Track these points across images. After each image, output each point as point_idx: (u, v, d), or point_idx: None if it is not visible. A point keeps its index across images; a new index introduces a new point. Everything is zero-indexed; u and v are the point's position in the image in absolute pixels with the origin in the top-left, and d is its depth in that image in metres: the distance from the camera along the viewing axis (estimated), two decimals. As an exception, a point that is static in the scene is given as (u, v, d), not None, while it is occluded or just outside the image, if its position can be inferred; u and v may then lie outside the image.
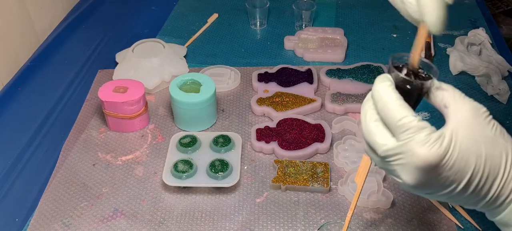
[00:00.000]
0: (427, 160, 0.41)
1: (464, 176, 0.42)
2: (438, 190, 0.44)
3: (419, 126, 0.42)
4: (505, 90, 0.94)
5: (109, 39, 1.17)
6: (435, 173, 0.42)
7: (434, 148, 0.41)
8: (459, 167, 0.42)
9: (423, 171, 0.42)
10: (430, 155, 0.41)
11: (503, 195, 0.43)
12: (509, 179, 0.43)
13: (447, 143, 0.41)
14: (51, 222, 0.74)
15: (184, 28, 1.20)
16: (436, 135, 0.41)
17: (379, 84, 0.45)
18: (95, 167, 0.83)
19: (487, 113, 0.43)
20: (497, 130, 0.43)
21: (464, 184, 0.42)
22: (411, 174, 0.42)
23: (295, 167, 0.79)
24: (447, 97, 0.44)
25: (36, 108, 0.96)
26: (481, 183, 0.42)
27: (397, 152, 0.42)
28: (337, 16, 1.24)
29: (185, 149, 0.82)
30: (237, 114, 0.94)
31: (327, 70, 1.01)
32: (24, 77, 1.05)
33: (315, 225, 0.72)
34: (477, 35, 1.07)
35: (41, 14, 1.16)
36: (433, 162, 0.41)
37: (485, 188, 0.43)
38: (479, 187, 0.43)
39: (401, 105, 0.43)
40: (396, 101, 0.43)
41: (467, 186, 0.42)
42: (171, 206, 0.76)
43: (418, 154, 0.41)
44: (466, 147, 0.42)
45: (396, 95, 0.44)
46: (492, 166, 0.42)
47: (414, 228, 0.72)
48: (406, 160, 0.42)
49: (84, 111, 0.95)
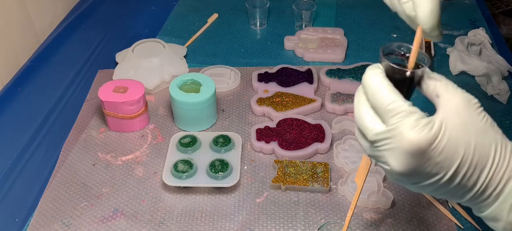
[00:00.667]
0: (416, 144, 0.41)
1: (453, 164, 0.42)
2: (426, 178, 0.43)
3: (408, 110, 0.42)
4: (505, 90, 0.94)
5: (109, 39, 1.17)
6: (424, 159, 0.41)
7: (424, 132, 0.41)
8: (448, 154, 0.41)
9: (412, 156, 0.41)
10: (419, 139, 0.40)
11: (490, 187, 0.43)
12: (497, 170, 0.43)
13: (437, 128, 0.41)
14: (51, 222, 0.74)
15: (184, 28, 1.20)
16: (426, 120, 0.41)
17: (369, 71, 0.45)
18: (95, 167, 0.83)
19: (479, 105, 0.43)
20: (488, 121, 0.43)
21: (452, 173, 0.42)
22: (400, 159, 0.42)
23: (295, 167, 0.79)
24: (439, 86, 0.44)
25: (36, 108, 0.96)
26: (469, 172, 0.42)
27: (386, 136, 0.42)
28: (337, 16, 1.24)
29: (185, 149, 0.82)
30: (237, 114, 0.94)
31: (327, 70, 1.01)
32: (24, 77, 1.05)
33: (315, 225, 0.72)
34: (477, 35, 1.07)
35: (41, 14, 1.17)
36: (422, 146, 0.41)
37: (472, 178, 0.43)
38: (467, 177, 0.42)
39: (390, 91, 0.43)
40: (385, 87, 0.43)
41: (455, 174, 0.42)
42: (171, 206, 0.76)
43: (407, 137, 0.41)
44: (456, 134, 0.41)
45: (385, 82, 0.44)
46: (481, 156, 0.42)
47: (414, 228, 0.72)
48: (395, 144, 0.42)
49: (84, 111, 0.95)
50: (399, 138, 0.41)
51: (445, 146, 0.41)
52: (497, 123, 0.45)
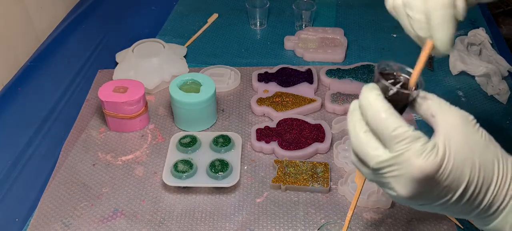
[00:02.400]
0: (424, 171, 0.40)
1: (460, 185, 0.41)
2: (433, 201, 0.43)
3: (414, 136, 0.41)
4: (505, 90, 0.94)
5: (109, 39, 1.17)
6: (432, 184, 0.41)
7: (431, 157, 0.40)
8: (455, 176, 0.41)
9: (420, 182, 0.40)
10: (427, 165, 0.40)
11: (496, 203, 0.43)
12: (501, 185, 0.42)
13: (442, 152, 0.41)
14: (51, 222, 0.74)
15: (184, 28, 1.20)
16: (431, 145, 0.41)
17: (368, 93, 0.43)
18: (95, 167, 0.83)
19: (475, 121, 0.43)
20: (487, 137, 0.43)
21: (459, 193, 0.42)
22: (407, 185, 0.41)
23: (295, 167, 0.79)
24: (433, 106, 0.44)
25: (36, 108, 0.96)
26: (476, 191, 0.42)
27: (391, 163, 0.41)
28: (337, 16, 1.24)
29: (185, 149, 0.82)
30: (237, 114, 0.94)
31: (327, 70, 1.01)
32: (24, 77, 1.05)
33: (315, 225, 0.72)
34: (477, 35, 1.07)
35: (41, 14, 1.17)
36: (431, 172, 0.40)
37: (479, 196, 0.42)
38: (474, 196, 0.42)
39: (393, 115, 0.42)
40: (387, 111, 0.42)
41: (463, 195, 0.42)
42: (171, 206, 0.76)
43: (415, 164, 0.40)
44: (460, 155, 0.41)
45: (387, 105, 0.42)
46: (486, 174, 0.42)
47: (414, 228, 0.72)
48: (402, 171, 0.41)
49: (84, 111, 0.95)
50: (407, 165, 0.40)
51: (452, 169, 0.41)
52: (497, 123, 0.45)
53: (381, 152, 0.42)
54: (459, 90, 0.98)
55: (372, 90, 0.43)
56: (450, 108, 0.43)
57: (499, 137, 0.92)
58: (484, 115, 0.91)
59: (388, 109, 0.42)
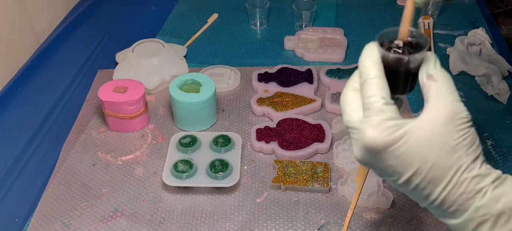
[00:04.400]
0: (371, 143, 0.42)
1: (405, 173, 0.42)
2: (383, 175, 0.45)
3: (379, 109, 0.42)
4: (505, 90, 0.94)
5: (109, 39, 1.17)
6: (379, 158, 0.43)
7: (383, 134, 0.41)
8: (403, 162, 0.42)
9: (367, 151, 0.43)
10: (375, 139, 0.42)
11: (445, 204, 0.43)
12: (452, 191, 0.42)
13: (399, 135, 0.41)
14: (51, 222, 0.74)
15: (184, 28, 1.20)
16: (392, 123, 0.42)
17: (365, 55, 0.45)
18: (95, 167, 0.83)
19: (465, 120, 0.42)
20: (464, 141, 0.42)
21: (404, 179, 0.43)
22: (358, 150, 0.44)
23: (295, 167, 0.79)
24: (432, 90, 0.43)
25: (36, 108, 0.96)
26: (421, 186, 0.43)
27: (354, 126, 0.44)
28: (337, 16, 1.24)
29: (185, 149, 0.82)
30: (237, 114, 0.94)
31: (327, 70, 1.01)
32: (24, 77, 1.05)
33: (315, 225, 0.72)
34: (477, 35, 1.07)
35: (41, 14, 1.17)
36: (376, 147, 0.42)
37: (425, 191, 0.43)
38: (420, 189, 0.43)
39: (376, 84, 0.43)
40: (374, 78, 0.43)
41: (408, 182, 0.43)
42: (171, 206, 0.76)
43: (366, 134, 0.42)
44: (416, 147, 0.41)
45: (376, 72, 0.44)
46: (435, 176, 0.42)
47: (414, 228, 0.72)
48: (357, 136, 0.43)
49: (84, 111, 0.95)
50: (361, 133, 0.43)
51: (401, 154, 0.42)
52: (497, 123, 0.44)
53: (353, 113, 0.45)
54: (459, 90, 0.98)
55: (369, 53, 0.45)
56: (447, 99, 0.42)
57: (499, 137, 0.92)
58: (484, 115, 0.91)
59: (375, 75, 0.43)
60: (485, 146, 0.84)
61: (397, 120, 0.42)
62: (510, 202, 0.42)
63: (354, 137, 0.44)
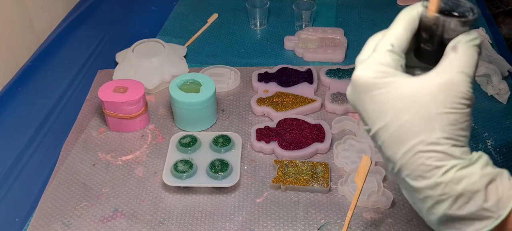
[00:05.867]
0: (355, 79, 0.43)
1: (376, 123, 0.42)
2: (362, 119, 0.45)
3: (381, 53, 0.43)
4: (505, 90, 0.94)
5: (109, 39, 1.17)
6: (361, 99, 0.43)
7: (368, 75, 0.42)
8: (377, 110, 0.42)
9: (353, 88, 0.44)
10: (360, 77, 0.43)
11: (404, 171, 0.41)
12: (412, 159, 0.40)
13: (383, 82, 0.41)
14: (51, 222, 0.74)
15: (184, 28, 1.20)
16: (382, 68, 0.42)
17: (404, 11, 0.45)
18: (95, 167, 0.83)
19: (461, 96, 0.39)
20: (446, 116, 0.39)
21: (374, 131, 0.43)
22: (349, 85, 0.45)
23: (295, 167, 0.79)
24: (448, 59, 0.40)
25: (36, 108, 0.96)
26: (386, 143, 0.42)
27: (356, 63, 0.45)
28: (337, 16, 1.24)
29: (185, 149, 0.82)
30: (237, 114, 0.94)
31: (327, 70, 1.01)
32: (24, 77, 1.05)
33: (315, 225, 0.72)
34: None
35: (41, 14, 1.17)
36: (359, 85, 0.43)
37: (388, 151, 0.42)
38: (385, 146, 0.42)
39: (394, 33, 0.43)
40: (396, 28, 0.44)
41: (376, 136, 0.43)
42: (171, 206, 0.76)
43: (356, 71, 0.43)
44: (393, 101, 0.41)
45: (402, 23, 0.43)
46: (401, 136, 0.40)
47: (414, 228, 0.72)
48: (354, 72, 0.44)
49: (84, 111, 0.95)
50: (355, 69, 0.44)
51: (379, 102, 0.41)
52: (497, 123, 0.44)
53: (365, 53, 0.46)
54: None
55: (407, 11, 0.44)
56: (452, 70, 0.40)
57: (499, 137, 0.92)
58: (484, 115, 0.91)
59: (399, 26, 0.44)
60: (485, 146, 0.84)
61: (390, 68, 0.42)
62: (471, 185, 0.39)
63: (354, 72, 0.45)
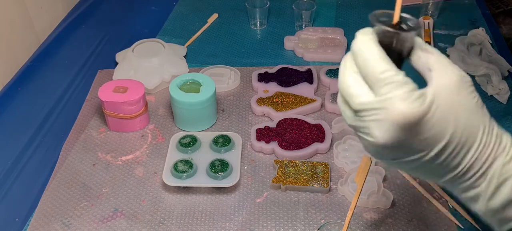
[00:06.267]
0: (407, 116, 0.39)
1: (440, 141, 0.40)
2: (409, 154, 0.41)
3: (402, 81, 0.39)
4: (505, 90, 0.94)
5: (109, 39, 1.17)
6: (412, 133, 0.40)
7: (416, 104, 0.39)
8: (437, 131, 0.40)
9: (400, 129, 0.39)
10: (410, 111, 0.39)
11: (473, 168, 0.42)
12: (482, 151, 0.42)
13: (429, 102, 0.40)
14: (51, 222, 0.74)
15: (184, 28, 1.20)
16: (418, 93, 0.40)
17: (360, 37, 0.43)
18: (95, 167, 0.83)
19: (471, 83, 0.42)
20: (478, 102, 0.42)
21: (437, 150, 0.41)
22: (387, 131, 0.40)
23: (295, 167, 0.79)
24: (432, 60, 0.42)
25: (36, 108, 0.96)
26: (455, 152, 0.41)
27: (374, 107, 0.40)
28: (337, 16, 1.24)
29: (185, 149, 0.82)
30: (237, 114, 0.94)
31: (327, 70, 1.01)
32: (24, 77, 1.05)
33: (315, 225, 0.72)
34: (477, 35, 1.07)
35: (41, 14, 1.16)
36: (413, 119, 0.39)
37: (457, 158, 0.42)
38: (452, 156, 0.41)
39: (383, 59, 0.41)
40: (378, 54, 0.41)
41: (440, 153, 0.41)
42: (171, 206, 0.76)
43: (399, 109, 0.39)
44: (447, 111, 0.40)
45: (378, 49, 0.41)
46: (469, 136, 0.41)
47: (414, 228, 0.72)
48: (384, 116, 0.39)
49: (84, 111, 0.95)
50: (390, 109, 0.39)
51: (435, 122, 0.40)
52: (497, 123, 0.44)
53: (364, 93, 0.41)
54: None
55: (365, 34, 0.43)
56: (450, 65, 0.42)
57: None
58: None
59: (378, 53, 0.41)
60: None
61: (419, 90, 0.40)
62: None
63: (377, 117, 0.40)
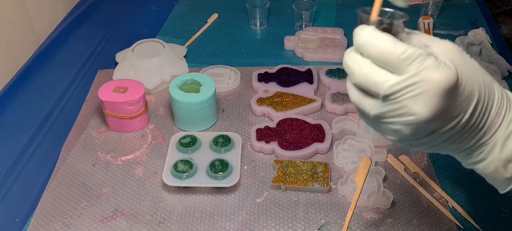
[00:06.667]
0: (446, 82, 0.39)
1: (473, 99, 0.42)
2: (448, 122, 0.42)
3: (426, 54, 0.40)
4: (505, 90, 0.94)
5: (109, 39, 1.17)
6: (451, 98, 0.41)
7: (447, 70, 0.40)
8: (468, 91, 0.42)
9: (442, 96, 0.40)
10: (448, 77, 0.40)
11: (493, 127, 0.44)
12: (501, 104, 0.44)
13: (455, 68, 0.41)
14: (51, 222, 0.74)
15: (184, 28, 1.20)
16: (442, 61, 0.41)
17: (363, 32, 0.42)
18: (95, 167, 0.83)
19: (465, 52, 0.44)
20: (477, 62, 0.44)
21: (472, 109, 0.42)
22: (429, 102, 0.40)
23: (295, 167, 0.79)
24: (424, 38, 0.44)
25: (36, 108, 0.96)
26: (483, 109, 0.43)
27: (407, 84, 0.40)
28: (337, 16, 1.24)
29: (185, 149, 0.82)
30: (237, 114, 0.94)
31: (327, 70, 1.01)
32: (24, 77, 1.05)
33: (315, 225, 0.72)
34: (477, 35, 1.07)
35: (41, 14, 1.17)
36: (452, 83, 0.40)
37: (485, 114, 0.43)
38: (481, 114, 0.43)
39: (396, 42, 0.41)
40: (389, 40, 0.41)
41: (474, 111, 0.42)
42: (171, 206, 0.76)
43: (436, 78, 0.39)
44: (467, 71, 0.42)
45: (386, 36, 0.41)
46: (490, 90, 0.43)
47: (414, 228, 0.72)
48: (422, 88, 0.39)
49: (84, 111, 0.95)
50: (427, 81, 0.39)
51: (466, 83, 0.42)
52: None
53: (391, 76, 0.41)
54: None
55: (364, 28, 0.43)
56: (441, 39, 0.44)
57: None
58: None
59: (391, 38, 0.41)
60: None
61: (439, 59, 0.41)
62: None
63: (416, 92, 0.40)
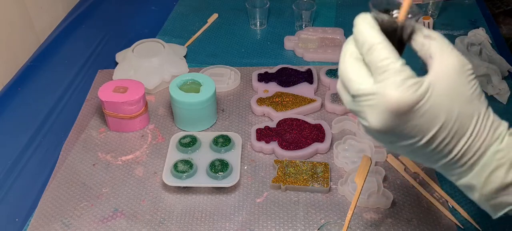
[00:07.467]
0: (398, 103, 0.40)
1: (431, 129, 0.42)
2: (402, 139, 0.43)
3: (398, 69, 0.41)
4: (505, 90, 0.94)
5: (109, 39, 1.17)
6: (404, 119, 0.41)
7: (408, 92, 0.40)
8: (428, 119, 0.41)
9: (392, 115, 0.41)
10: (402, 98, 0.40)
11: (466, 156, 0.43)
12: (475, 140, 0.43)
13: (423, 91, 0.41)
14: (51, 222, 0.74)
15: (184, 28, 1.20)
16: (413, 81, 0.41)
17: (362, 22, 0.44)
18: (95, 167, 0.83)
19: (471, 71, 0.43)
20: (476, 91, 0.43)
21: (429, 137, 0.42)
22: (379, 116, 0.41)
23: (295, 167, 0.79)
24: (434, 47, 0.43)
25: (36, 108, 0.96)
26: (446, 140, 0.42)
27: (369, 92, 0.42)
28: (337, 16, 1.24)
29: (185, 149, 0.82)
30: (237, 114, 0.94)
31: (327, 70, 1.01)
32: (24, 77, 1.05)
33: (315, 225, 0.72)
34: (477, 35, 1.07)
35: (41, 14, 1.16)
36: (404, 107, 0.40)
37: (449, 146, 0.43)
38: (444, 144, 0.42)
39: (385, 47, 0.42)
40: (381, 41, 0.42)
41: (432, 140, 0.42)
42: (171, 206, 0.76)
43: (390, 95, 0.40)
44: (440, 100, 0.41)
45: (380, 35, 0.43)
46: (461, 125, 0.42)
47: (414, 228, 0.72)
48: (377, 101, 0.41)
49: (84, 111, 0.95)
50: (382, 95, 0.41)
51: (427, 110, 0.41)
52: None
53: (362, 79, 0.42)
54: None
55: (366, 19, 0.44)
56: (452, 52, 0.43)
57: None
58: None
59: (381, 40, 0.42)
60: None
61: (416, 78, 0.41)
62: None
63: (371, 103, 0.42)
